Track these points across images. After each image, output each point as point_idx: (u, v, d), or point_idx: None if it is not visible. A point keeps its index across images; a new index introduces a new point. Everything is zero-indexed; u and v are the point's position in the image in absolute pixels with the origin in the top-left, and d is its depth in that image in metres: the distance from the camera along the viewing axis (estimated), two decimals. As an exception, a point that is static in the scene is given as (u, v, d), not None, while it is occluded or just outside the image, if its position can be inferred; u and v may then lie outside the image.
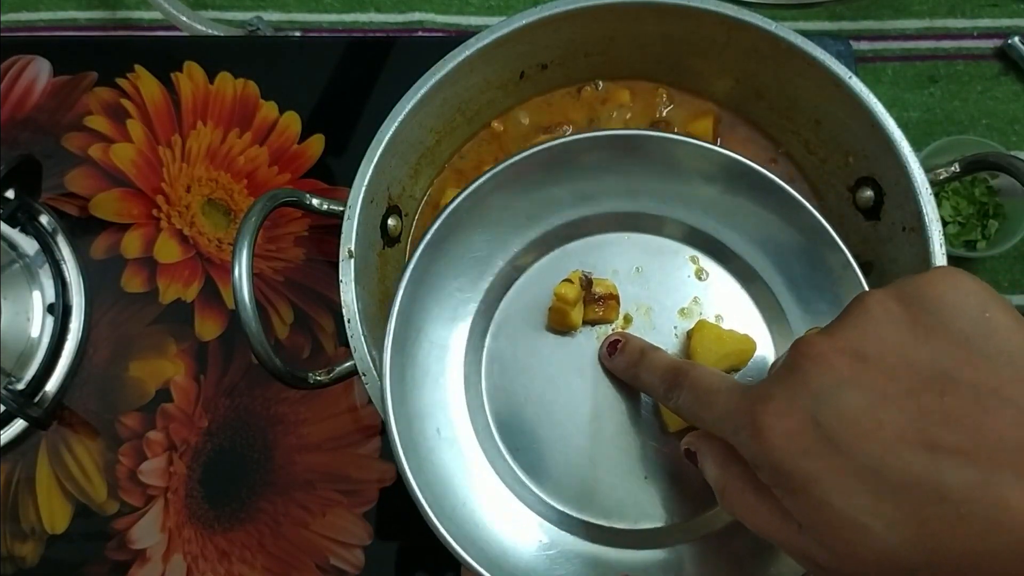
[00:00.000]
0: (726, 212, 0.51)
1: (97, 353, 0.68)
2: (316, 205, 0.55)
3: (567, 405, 0.48)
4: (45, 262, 0.68)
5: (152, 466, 0.65)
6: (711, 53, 0.61)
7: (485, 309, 0.50)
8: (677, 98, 0.66)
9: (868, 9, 0.95)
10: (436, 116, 0.60)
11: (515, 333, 0.50)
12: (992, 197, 0.84)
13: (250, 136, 0.73)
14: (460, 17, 0.95)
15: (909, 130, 0.73)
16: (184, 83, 0.74)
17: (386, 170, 0.57)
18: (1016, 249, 0.84)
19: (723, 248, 0.51)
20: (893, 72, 0.92)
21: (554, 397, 0.49)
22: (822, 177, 0.63)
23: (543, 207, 0.51)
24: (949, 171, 0.56)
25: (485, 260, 0.50)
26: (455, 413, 0.49)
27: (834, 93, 0.57)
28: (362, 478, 0.65)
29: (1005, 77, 0.92)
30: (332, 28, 0.95)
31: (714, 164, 0.49)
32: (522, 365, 0.49)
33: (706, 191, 0.50)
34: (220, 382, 0.67)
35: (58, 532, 0.64)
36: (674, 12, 0.58)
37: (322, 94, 0.74)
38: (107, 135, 0.73)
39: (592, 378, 0.49)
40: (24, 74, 0.74)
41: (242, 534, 0.64)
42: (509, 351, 0.50)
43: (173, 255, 0.70)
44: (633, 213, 0.52)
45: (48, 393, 0.66)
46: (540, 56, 0.62)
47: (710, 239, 0.52)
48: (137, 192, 0.71)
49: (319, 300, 0.69)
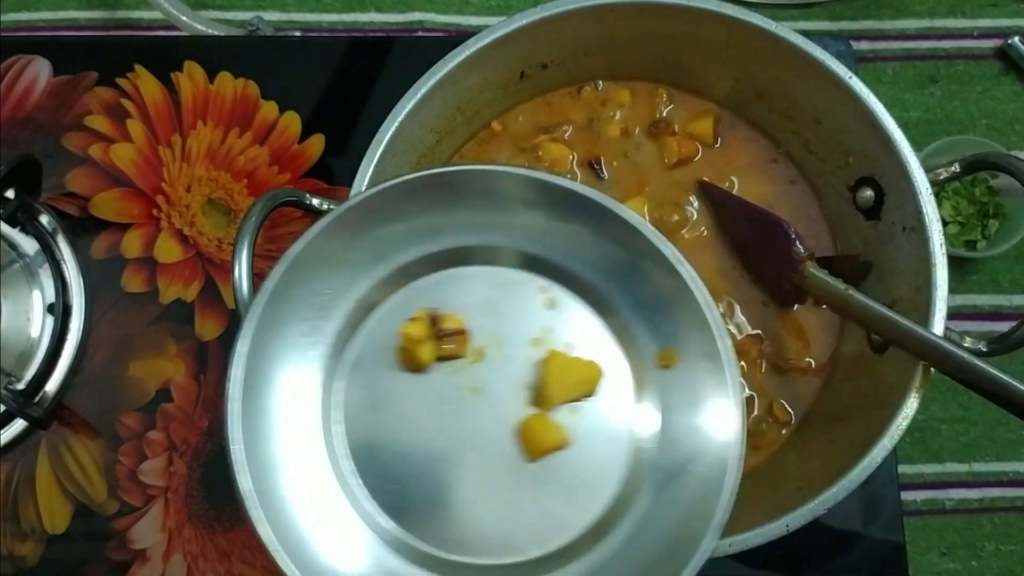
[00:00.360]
0: (566, 238, 0.50)
1: (97, 353, 0.68)
2: (316, 205, 0.55)
3: (424, 443, 0.48)
4: (45, 262, 0.68)
5: (152, 466, 0.65)
6: (711, 53, 0.61)
7: (334, 352, 0.49)
8: (677, 98, 0.66)
9: (868, 9, 0.95)
10: (436, 116, 0.60)
11: (368, 374, 0.49)
12: (992, 197, 0.84)
13: (250, 136, 0.73)
14: (460, 17, 0.95)
15: (909, 130, 0.73)
16: (184, 83, 0.74)
17: (386, 170, 0.57)
18: (1016, 249, 0.84)
19: (570, 275, 0.50)
20: (893, 72, 0.92)
21: (411, 436, 0.48)
22: (822, 177, 0.63)
23: (387, 246, 0.50)
24: (949, 171, 0.56)
25: (330, 303, 0.49)
26: (313, 457, 0.47)
27: (834, 93, 0.57)
28: (362, 478, 0.65)
29: (1005, 77, 0.92)
30: (332, 28, 0.95)
31: (537, 191, 0.48)
32: (377, 405, 0.48)
33: (538, 218, 0.49)
34: (220, 382, 0.67)
35: (58, 532, 0.64)
36: (674, 12, 0.58)
37: (322, 94, 0.74)
38: (107, 135, 0.73)
39: (449, 413, 0.48)
40: (24, 74, 0.74)
41: (242, 534, 0.64)
42: (363, 393, 0.49)
43: (173, 255, 0.70)
44: (478, 247, 0.50)
45: (48, 393, 0.66)
46: (540, 56, 0.62)
47: (556, 267, 0.50)
48: (137, 192, 0.71)
49: (319, 300, 0.69)
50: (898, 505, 0.64)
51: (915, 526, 0.82)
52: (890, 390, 0.51)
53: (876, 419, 0.51)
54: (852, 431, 0.53)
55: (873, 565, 0.63)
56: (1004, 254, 0.85)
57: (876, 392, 0.54)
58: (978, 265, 0.88)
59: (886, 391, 0.52)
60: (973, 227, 0.84)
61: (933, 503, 0.83)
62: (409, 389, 0.49)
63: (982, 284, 0.88)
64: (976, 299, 0.89)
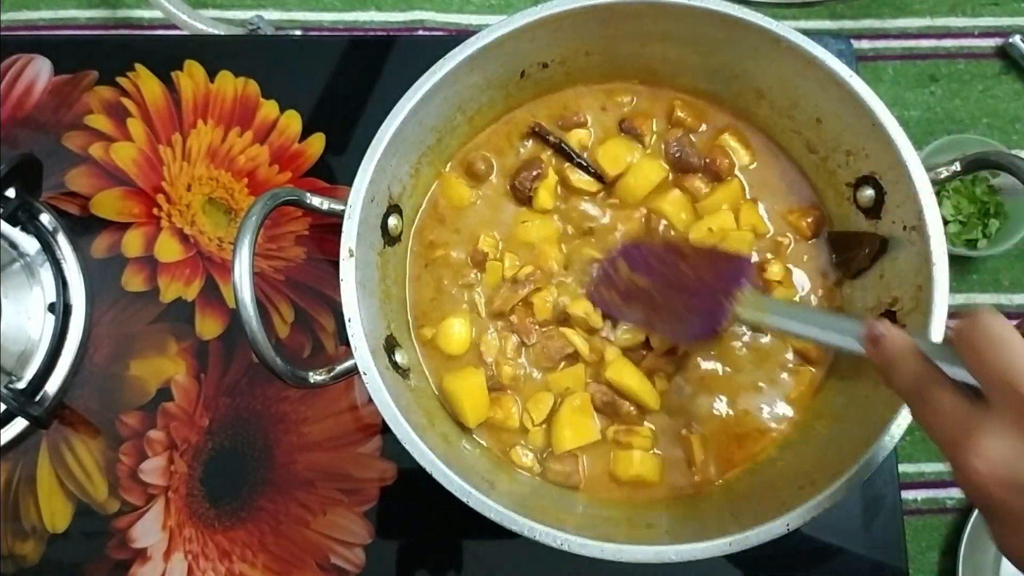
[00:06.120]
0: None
1: (98, 352, 0.68)
2: (317, 204, 0.55)
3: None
4: (46, 261, 0.68)
5: (153, 465, 0.65)
6: (712, 52, 0.61)
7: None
8: (680, 97, 0.66)
9: (869, 8, 0.95)
10: (437, 115, 0.60)
11: None
12: (993, 196, 0.84)
13: (251, 135, 0.73)
14: (461, 16, 0.95)
15: (910, 129, 0.73)
16: (185, 82, 0.74)
17: (387, 169, 0.57)
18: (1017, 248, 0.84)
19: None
20: (894, 71, 0.92)
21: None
22: (823, 176, 0.63)
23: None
24: (950, 170, 0.56)
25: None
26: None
27: (835, 92, 0.57)
28: (363, 477, 0.65)
29: (1006, 76, 0.92)
30: (333, 27, 0.95)
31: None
32: None
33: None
34: (221, 381, 0.67)
35: (59, 531, 0.64)
36: (675, 11, 0.58)
37: (323, 93, 0.74)
38: (108, 134, 0.73)
39: None
40: (25, 73, 0.74)
41: (243, 533, 0.64)
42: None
43: (174, 254, 0.70)
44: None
45: (49, 392, 0.66)
46: (541, 55, 0.62)
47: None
48: (138, 191, 0.71)
49: (320, 299, 0.69)
50: (898, 504, 0.64)
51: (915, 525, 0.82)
52: (890, 389, 0.51)
53: (876, 419, 0.51)
54: (852, 431, 0.53)
55: (873, 564, 0.63)
56: (1005, 253, 0.85)
57: (876, 392, 0.54)
58: (979, 264, 0.88)
59: (886, 391, 0.52)
60: (974, 226, 0.84)
61: (933, 502, 0.83)
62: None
63: (983, 283, 0.88)
64: (977, 298, 0.89)
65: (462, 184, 0.65)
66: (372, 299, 0.56)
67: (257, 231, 0.50)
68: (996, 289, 0.90)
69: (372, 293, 0.56)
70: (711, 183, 0.64)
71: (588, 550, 0.49)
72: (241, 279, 0.48)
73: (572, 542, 0.49)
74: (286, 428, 0.66)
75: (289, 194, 0.54)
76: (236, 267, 0.48)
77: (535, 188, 0.63)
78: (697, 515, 0.57)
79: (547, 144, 0.65)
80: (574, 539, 0.49)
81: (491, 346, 0.61)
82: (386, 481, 0.65)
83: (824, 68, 0.56)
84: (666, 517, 0.57)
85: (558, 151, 0.65)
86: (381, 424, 0.66)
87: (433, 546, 0.64)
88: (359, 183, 0.55)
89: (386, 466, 0.65)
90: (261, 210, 0.50)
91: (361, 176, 0.55)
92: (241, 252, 0.48)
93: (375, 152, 0.55)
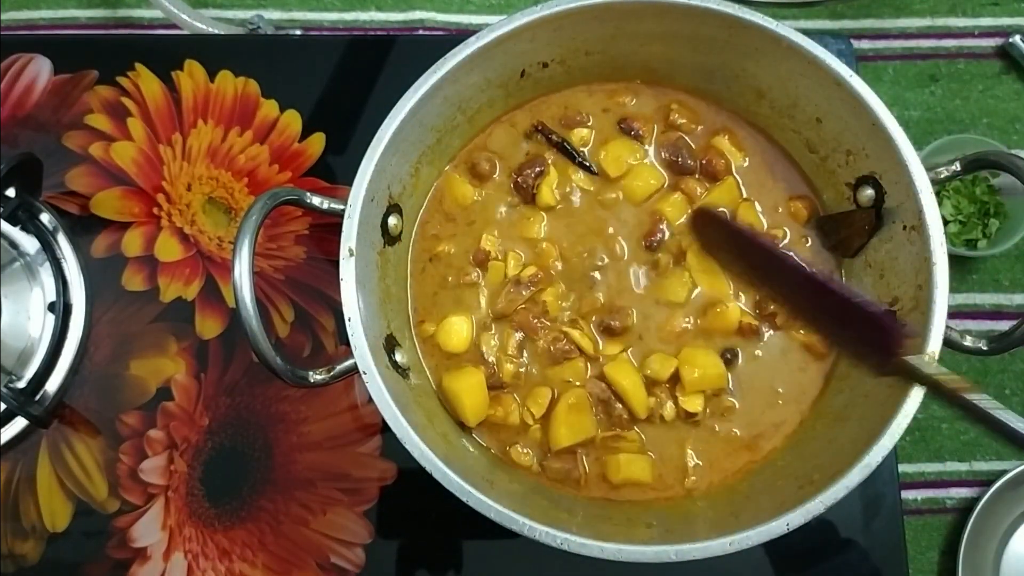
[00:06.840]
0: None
1: (98, 351, 0.68)
2: (317, 204, 0.55)
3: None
4: (46, 260, 0.68)
5: (153, 464, 0.65)
6: (712, 52, 0.61)
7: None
8: (678, 98, 0.66)
9: (869, 8, 0.95)
10: (437, 114, 0.60)
11: None
12: (993, 196, 0.84)
13: (251, 134, 0.73)
14: (461, 16, 0.95)
15: (910, 129, 0.73)
16: (185, 81, 0.74)
17: (387, 169, 0.57)
18: (1017, 248, 0.84)
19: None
20: (894, 71, 0.92)
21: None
22: (823, 176, 0.63)
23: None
24: (950, 170, 0.56)
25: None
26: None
27: (835, 92, 0.57)
28: (363, 476, 0.65)
29: (1006, 76, 0.92)
30: (333, 27, 0.95)
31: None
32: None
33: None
34: (221, 380, 0.67)
35: (59, 530, 0.64)
36: (675, 11, 0.58)
37: (323, 92, 0.74)
38: (108, 133, 0.73)
39: None
40: (25, 72, 0.74)
41: (243, 532, 0.64)
42: None
43: (174, 253, 0.70)
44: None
45: (49, 391, 0.66)
46: (541, 55, 0.62)
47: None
48: (138, 190, 0.71)
49: (320, 298, 0.69)
50: (898, 504, 0.64)
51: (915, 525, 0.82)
52: (890, 389, 0.51)
53: (876, 419, 0.51)
54: (852, 431, 0.53)
55: (873, 564, 0.63)
56: (1005, 253, 0.85)
57: (876, 391, 0.54)
58: (979, 264, 0.88)
59: (886, 390, 0.52)
60: (974, 226, 0.84)
61: (933, 502, 0.83)
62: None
63: (983, 283, 0.88)
64: (977, 298, 0.89)
65: (464, 183, 0.65)
66: (372, 298, 0.56)
67: (257, 231, 0.50)
68: (996, 289, 0.90)
69: (372, 292, 0.56)
70: (708, 184, 0.64)
71: (588, 550, 0.49)
72: (241, 278, 0.48)
73: (572, 542, 0.49)
74: (286, 428, 0.66)
75: (289, 193, 0.54)
76: (236, 266, 0.48)
77: (538, 185, 0.63)
78: (697, 515, 0.57)
79: (550, 143, 0.65)
80: (574, 539, 0.49)
81: (492, 344, 0.61)
82: (386, 481, 0.65)
83: (824, 68, 0.56)
84: (665, 517, 0.57)
85: (560, 150, 0.65)
86: (381, 424, 0.66)
87: (433, 546, 0.64)
88: (359, 182, 0.55)
89: (386, 466, 0.65)
90: (261, 210, 0.50)
91: (361, 175, 0.55)
92: (241, 251, 0.48)
93: (375, 152, 0.55)
